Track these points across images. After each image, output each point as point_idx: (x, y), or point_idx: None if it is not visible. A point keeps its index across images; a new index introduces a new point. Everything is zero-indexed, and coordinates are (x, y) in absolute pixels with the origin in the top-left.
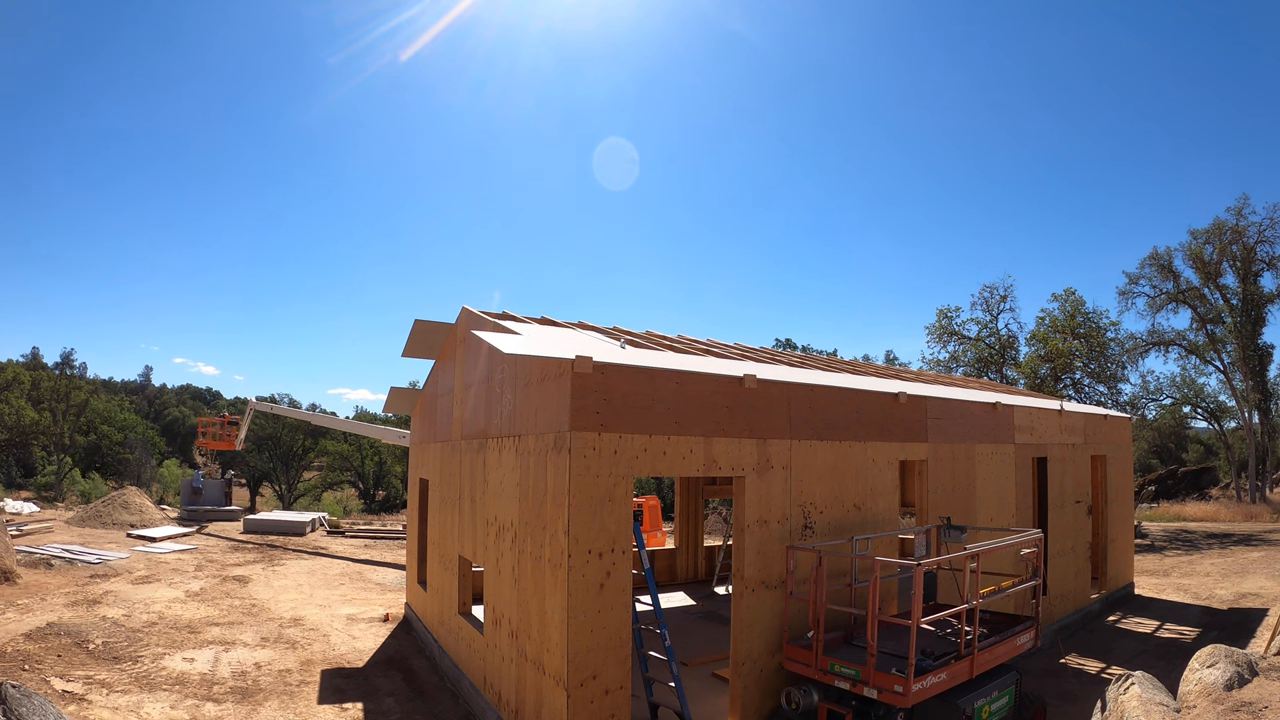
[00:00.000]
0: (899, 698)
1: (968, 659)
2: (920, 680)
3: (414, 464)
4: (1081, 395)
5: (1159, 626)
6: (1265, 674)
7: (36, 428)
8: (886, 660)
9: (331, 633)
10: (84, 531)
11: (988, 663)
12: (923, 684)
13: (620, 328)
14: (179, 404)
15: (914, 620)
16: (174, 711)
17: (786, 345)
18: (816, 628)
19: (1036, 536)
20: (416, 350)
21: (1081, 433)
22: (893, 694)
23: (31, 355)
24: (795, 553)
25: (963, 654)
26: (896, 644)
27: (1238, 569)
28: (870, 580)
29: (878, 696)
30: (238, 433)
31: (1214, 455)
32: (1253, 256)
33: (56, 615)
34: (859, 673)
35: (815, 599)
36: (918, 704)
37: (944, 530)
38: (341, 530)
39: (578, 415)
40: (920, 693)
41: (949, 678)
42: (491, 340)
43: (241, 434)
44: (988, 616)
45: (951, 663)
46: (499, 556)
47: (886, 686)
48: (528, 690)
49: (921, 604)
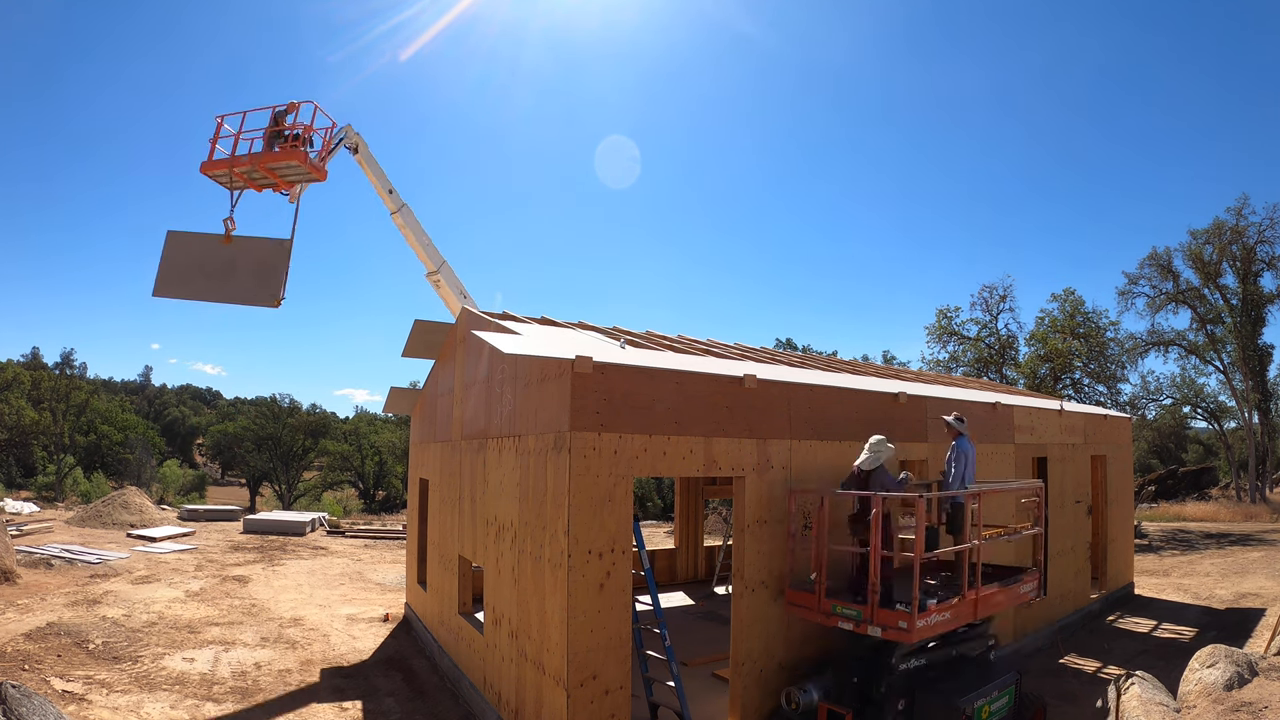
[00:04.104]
0: (903, 633)
1: (971, 599)
2: (924, 616)
3: (414, 464)
4: (1081, 395)
5: (1157, 626)
6: (1265, 674)
7: (36, 428)
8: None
9: (331, 632)
10: (84, 531)
11: (991, 607)
12: (927, 620)
13: (620, 328)
14: (179, 404)
15: (916, 553)
16: (174, 711)
17: (787, 345)
18: (819, 570)
19: (1037, 486)
20: (416, 350)
21: (1081, 433)
22: (897, 630)
23: (31, 355)
24: (797, 495)
25: (965, 594)
26: (899, 590)
27: (1237, 569)
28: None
29: (882, 634)
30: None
31: (1214, 455)
32: (1253, 256)
33: (56, 615)
34: (861, 613)
35: (818, 539)
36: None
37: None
38: (341, 530)
39: (578, 415)
40: (925, 630)
41: (952, 616)
42: (492, 340)
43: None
44: (990, 570)
45: (955, 601)
46: (499, 556)
47: (890, 623)
48: (528, 690)
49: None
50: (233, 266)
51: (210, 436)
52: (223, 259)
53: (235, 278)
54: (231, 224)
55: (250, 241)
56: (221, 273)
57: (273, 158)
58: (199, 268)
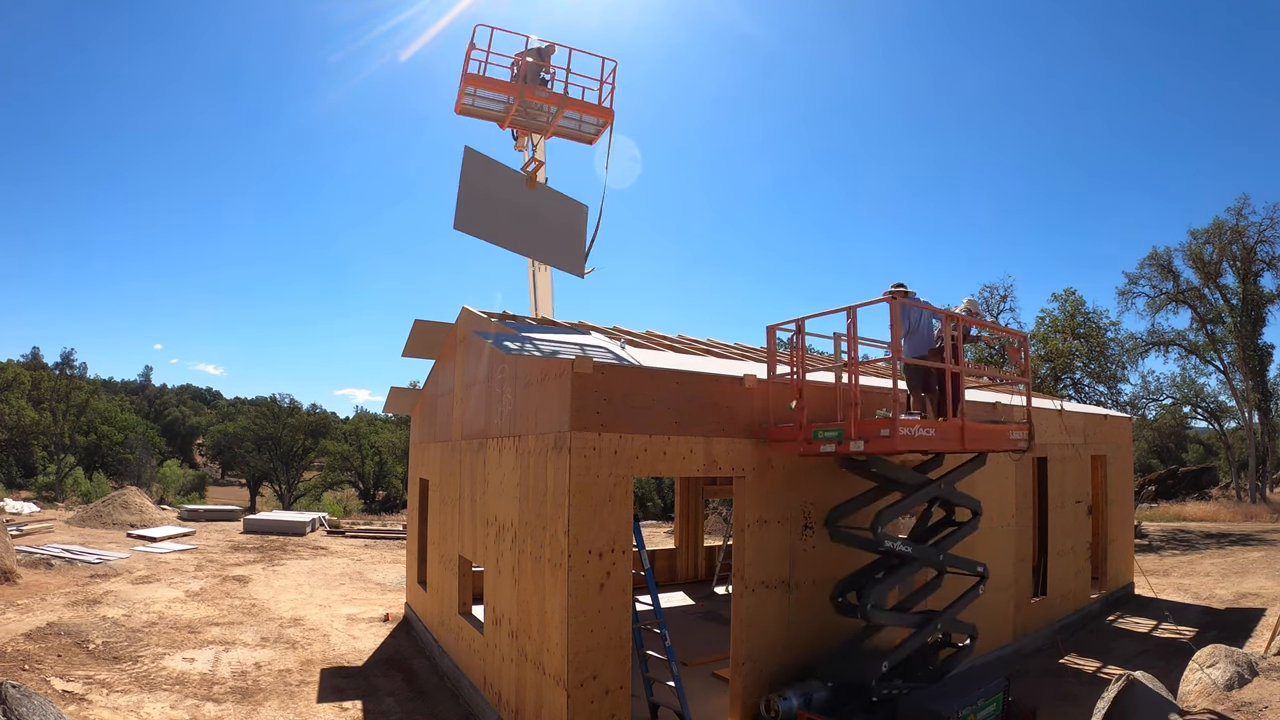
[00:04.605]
0: (885, 441)
1: (957, 420)
2: (907, 425)
3: (414, 464)
4: (1081, 395)
5: (1157, 626)
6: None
7: (37, 428)
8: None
9: (331, 632)
10: (84, 531)
11: (978, 438)
12: (910, 430)
13: (620, 328)
14: (179, 404)
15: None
16: (174, 711)
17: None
18: (799, 397)
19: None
20: (416, 350)
21: (1081, 433)
22: (879, 439)
23: (31, 355)
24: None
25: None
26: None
27: (1237, 569)
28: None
29: (864, 448)
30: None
31: (1214, 455)
32: (1253, 256)
33: (56, 615)
34: (841, 432)
35: (796, 368)
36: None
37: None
38: (341, 530)
39: (578, 415)
40: (906, 439)
41: (937, 435)
42: (492, 340)
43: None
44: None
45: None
46: (499, 556)
47: (872, 434)
48: (528, 690)
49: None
50: (537, 216)
51: (210, 436)
52: (526, 204)
53: (541, 231)
54: (537, 166)
55: (554, 196)
56: (526, 220)
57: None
58: (502, 205)
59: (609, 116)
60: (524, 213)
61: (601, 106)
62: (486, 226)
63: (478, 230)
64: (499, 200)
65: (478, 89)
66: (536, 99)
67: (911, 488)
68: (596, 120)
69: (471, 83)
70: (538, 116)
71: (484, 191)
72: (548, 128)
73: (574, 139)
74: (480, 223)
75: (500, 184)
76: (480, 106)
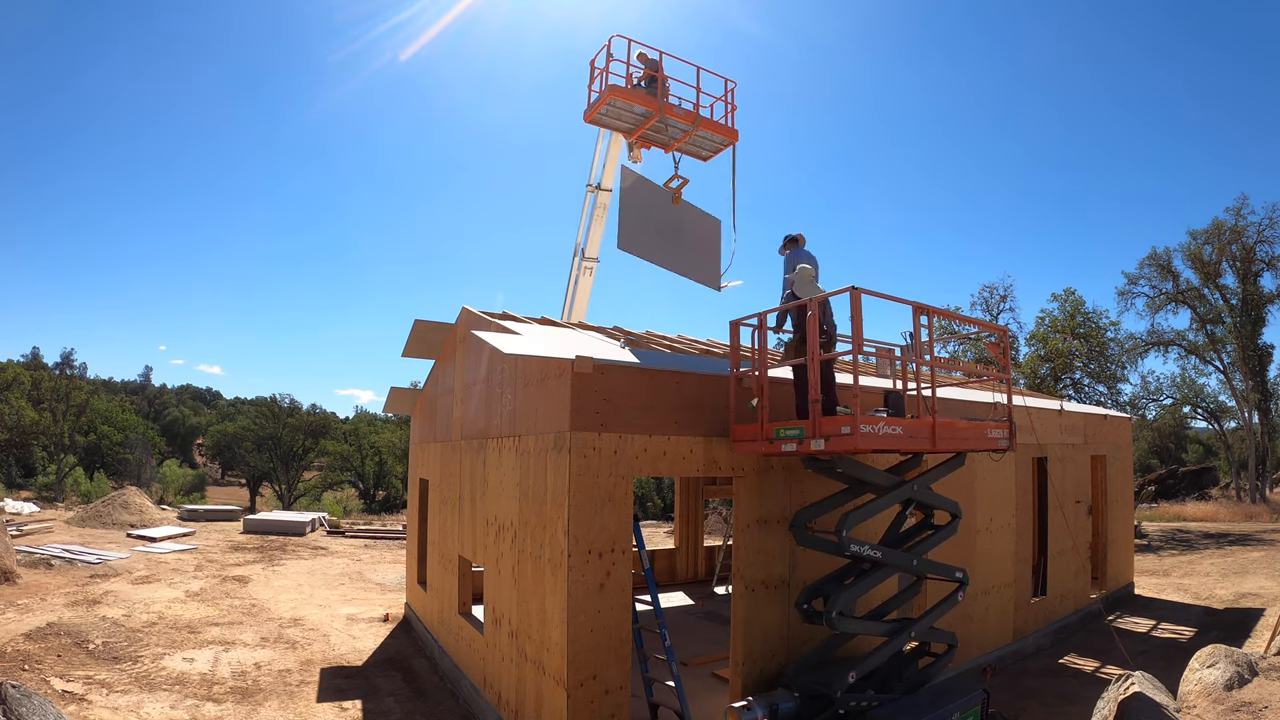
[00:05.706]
0: (847, 440)
1: (928, 418)
2: (872, 423)
3: (414, 464)
4: (1081, 395)
5: (1157, 626)
6: (1265, 674)
7: (36, 428)
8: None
9: (331, 633)
10: (84, 531)
11: (950, 438)
12: (874, 428)
13: (620, 328)
14: (179, 404)
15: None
16: (174, 711)
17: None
18: (760, 395)
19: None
20: (416, 350)
21: (1081, 433)
22: (840, 437)
23: (31, 355)
24: (740, 326)
25: (919, 413)
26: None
27: (1237, 569)
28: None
29: (825, 446)
30: None
31: (1214, 455)
32: (1252, 256)
33: (56, 615)
34: (803, 430)
35: (758, 364)
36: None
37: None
38: (341, 530)
39: (578, 415)
40: (869, 437)
41: (905, 433)
42: (492, 340)
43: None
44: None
45: (909, 417)
46: (499, 556)
47: (834, 431)
48: (528, 690)
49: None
50: (680, 232)
51: (210, 436)
52: (670, 220)
53: (683, 246)
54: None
55: (692, 211)
56: (672, 236)
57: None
58: (653, 223)
59: (734, 136)
60: (670, 229)
61: (730, 127)
62: (644, 245)
63: (638, 249)
64: (652, 218)
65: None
66: (675, 115)
67: (883, 489)
68: (717, 139)
69: (616, 95)
70: (665, 131)
71: (641, 210)
72: (673, 143)
73: (690, 154)
74: (640, 241)
75: (651, 199)
76: (610, 118)
